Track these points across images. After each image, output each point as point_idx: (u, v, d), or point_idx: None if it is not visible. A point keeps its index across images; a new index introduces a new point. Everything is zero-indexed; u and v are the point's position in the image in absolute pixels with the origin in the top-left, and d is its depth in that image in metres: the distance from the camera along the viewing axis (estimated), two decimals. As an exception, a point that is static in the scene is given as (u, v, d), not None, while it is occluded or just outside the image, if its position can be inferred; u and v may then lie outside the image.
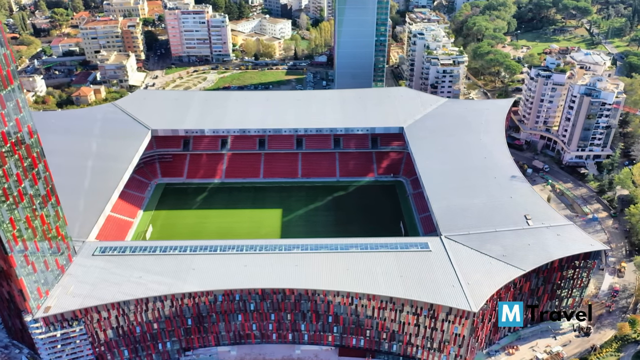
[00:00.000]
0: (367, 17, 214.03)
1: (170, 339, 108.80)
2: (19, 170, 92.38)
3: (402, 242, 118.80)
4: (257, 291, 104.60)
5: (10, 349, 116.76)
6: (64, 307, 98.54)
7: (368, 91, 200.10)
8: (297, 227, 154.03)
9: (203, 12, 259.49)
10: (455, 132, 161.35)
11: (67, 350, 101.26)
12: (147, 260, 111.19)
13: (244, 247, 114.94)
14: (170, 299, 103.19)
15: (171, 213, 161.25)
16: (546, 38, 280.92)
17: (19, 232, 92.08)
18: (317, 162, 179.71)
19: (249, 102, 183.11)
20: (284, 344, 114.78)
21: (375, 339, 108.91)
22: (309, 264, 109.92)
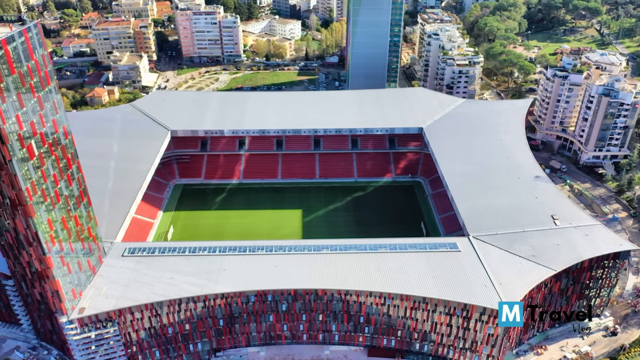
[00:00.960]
0: (382, 18, 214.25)
1: (202, 340, 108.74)
2: (56, 171, 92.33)
3: (430, 243, 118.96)
4: (289, 292, 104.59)
5: (38, 350, 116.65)
6: (98, 308, 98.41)
7: (385, 91, 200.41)
8: (319, 228, 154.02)
9: (215, 12, 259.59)
10: (475, 132, 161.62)
11: (100, 351, 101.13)
12: (177, 261, 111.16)
13: (273, 247, 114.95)
14: (203, 300, 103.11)
15: (191, 214, 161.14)
16: (557, 38, 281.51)
17: (55, 233, 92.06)
18: (334, 163, 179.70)
19: (267, 102, 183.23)
20: (314, 345, 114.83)
21: (406, 339, 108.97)
22: (340, 264, 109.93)
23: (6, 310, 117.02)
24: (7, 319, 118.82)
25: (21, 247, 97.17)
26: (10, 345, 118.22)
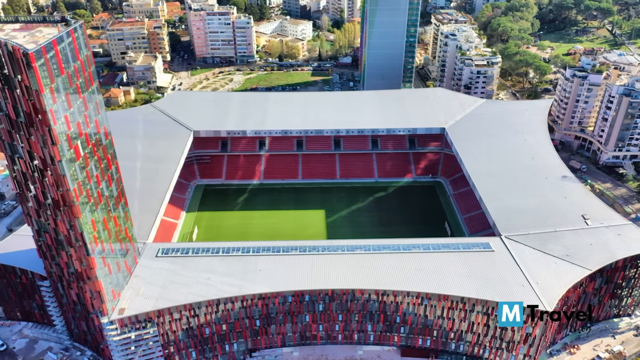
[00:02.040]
0: (399, 18, 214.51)
1: (237, 340, 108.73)
2: (98, 171, 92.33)
3: (463, 243, 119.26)
4: (327, 292, 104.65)
5: (71, 351, 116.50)
6: (138, 309, 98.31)
7: (405, 92, 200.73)
8: (343, 228, 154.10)
9: (228, 13, 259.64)
10: (497, 132, 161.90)
11: (139, 351, 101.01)
12: (211, 261, 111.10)
13: (307, 247, 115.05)
14: (241, 300, 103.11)
15: (214, 214, 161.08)
16: (569, 39, 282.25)
17: (98, 233, 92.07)
18: (354, 163, 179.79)
19: (288, 103, 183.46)
20: (346, 345, 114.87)
21: (442, 339, 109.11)
22: (376, 264, 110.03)
23: (39, 311, 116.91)
24: (40, 320, 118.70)
25: (60, 247, 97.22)
26: (42, 346, 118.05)
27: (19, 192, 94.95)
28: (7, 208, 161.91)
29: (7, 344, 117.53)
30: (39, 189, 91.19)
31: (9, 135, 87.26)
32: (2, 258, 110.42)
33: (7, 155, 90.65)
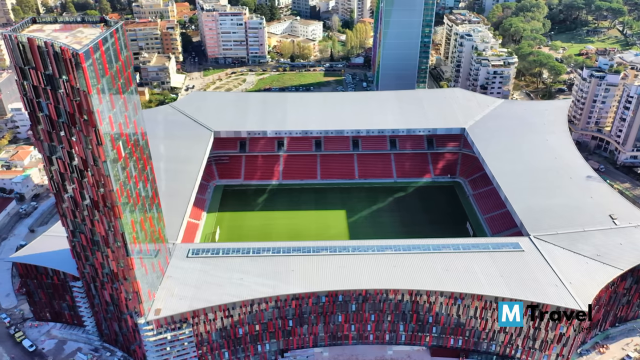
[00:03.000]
0: (414, 19, 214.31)
1: (270, 341, 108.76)
2: (136, 172, 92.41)
3: (493, 243, 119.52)
4: (360, 292, 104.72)
5: (100, 351, 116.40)
6: (173, 310, 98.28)
7: (423, 92, 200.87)
8: (365, 228, 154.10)
9: (241, 13, 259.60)
10: (518, 132, 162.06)
11: (174, 352, 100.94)
12: (243, 261, 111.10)
13: (337, 248, 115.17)
14: (275, 301, 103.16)
15: (235, 215, 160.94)
16: (580, 39, 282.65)
17: (136, 234, 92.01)
18: (373, 164, 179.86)
19: (306, 103, 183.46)
20: (376, 345, 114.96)
21: (474, 339, 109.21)
22: (407, 264, 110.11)
23: (69, 312, 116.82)
24: (70, 321, 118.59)
25: (96, 248, 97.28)
26: (71, 347, 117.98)
27: (55, 193, 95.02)
28: (28, 209, 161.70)
29: (36, 344, 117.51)
30: (76, 190, 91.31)
31: (48, 135, 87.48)
32: (34, 259, 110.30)
33: (45, 156, 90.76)
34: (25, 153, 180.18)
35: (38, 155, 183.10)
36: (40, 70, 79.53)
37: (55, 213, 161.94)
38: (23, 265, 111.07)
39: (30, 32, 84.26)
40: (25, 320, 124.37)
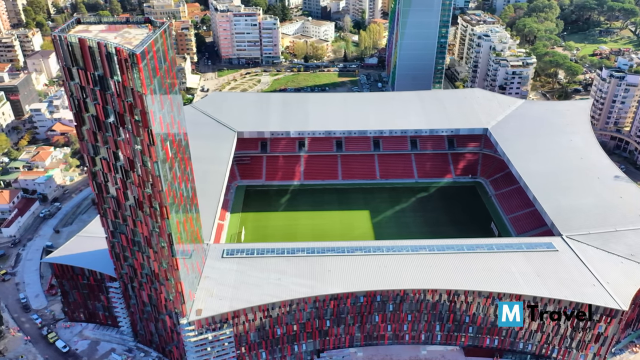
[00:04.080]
0: (431, 19, 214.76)
1: (307, 341, 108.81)
2: (180, 172, 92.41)
3: (526, 243, 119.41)
4: (399, 292, 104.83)
5: (134, 352, 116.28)
6: (214, 310, 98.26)
7: (444, 92, 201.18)
8: (389, 229, 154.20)
9: (255, 14, 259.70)
10: (541, 133, 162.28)
11: (214, 352, 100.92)
12: (278, 262, 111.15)
13: (371, 248, 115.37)
14: (314, 301, 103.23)
15: (259, 215, 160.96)
16: (593, 39, 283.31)
17: (180, 234, 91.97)
18: (393, 164, 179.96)
19: (327, 103, 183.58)
20: (410, 345, 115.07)
21: (510, 339, 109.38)
22: (443, 264, 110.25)
23: (103, 313, 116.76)
24: (104, 321, 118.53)
25: (137, 249, 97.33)
26: (105, 347, 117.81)
27: (96, 194, 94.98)
28: (52, 209, 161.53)
29: (69, 345, 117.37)
30: (120, 190, 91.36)
31: (93, 136, 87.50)
32: (70, 259, 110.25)
33: (89, 157, 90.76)
34: (46, 154, 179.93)
35: (59, 156, 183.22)
36: (90, 70, 79.59)
37: (79, 213, 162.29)
38: (59, 265, 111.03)
39: (76, 32, 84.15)
40: (56, 320, 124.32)
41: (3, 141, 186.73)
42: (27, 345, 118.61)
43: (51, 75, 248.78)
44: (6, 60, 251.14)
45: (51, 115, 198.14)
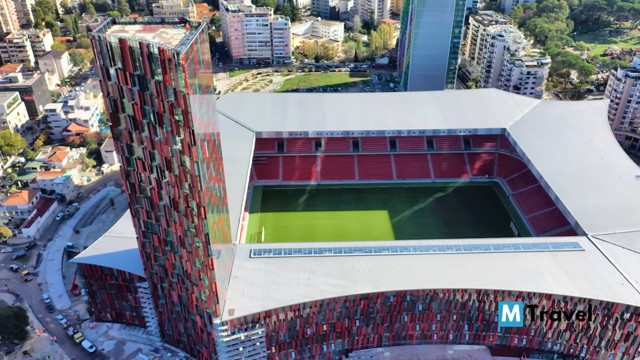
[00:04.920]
0: (445, 19, 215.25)
1: (336, 341, 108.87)
2: (214, 172, 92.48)
3: (552, 242, 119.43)
4: (429, 292, 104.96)
5: (161, 352, 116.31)
6: (247, 310, 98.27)
7: (460, 92, 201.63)
8: (409, 229, 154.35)
9: (266, 14, 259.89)
10: (560, 133, 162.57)
11: (245, 352, 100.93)
12: (306, 262, 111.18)
13: (398, 248, 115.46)
14: (344, 301, 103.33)
15: (278, 215, 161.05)
16: (603, 39, 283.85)
17: (215, 234, 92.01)
18: (410, 164, 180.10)
19: (344, 103, 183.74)
20: (436, 345, 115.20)
21: (538, 338, 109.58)
22: (472, 264, 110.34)
23: (130, 313, 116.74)
24: (131, 321, 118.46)
25: (169, 249, 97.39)
26: (131, 347, 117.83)
27: (129, 194, 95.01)
28: (71, 210, 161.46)
29: (96, 345, 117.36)
30: (154, 190, 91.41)
31: (129, 136, 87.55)
32: (99, 259, 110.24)
33: (123, 157, 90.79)
34: (62, 154, 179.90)
35: (75, 156, 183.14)
36: (130, 70, 79.64)
37: (97, 214, 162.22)
38: (88, 266, 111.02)
39: (112, 33, 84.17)
40: (81, 321, 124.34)
41: (19, 141, 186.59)
42: (54, 345, 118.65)
43: (63, 76, 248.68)
44: (17, 61, 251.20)
45: (66, 115, 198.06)
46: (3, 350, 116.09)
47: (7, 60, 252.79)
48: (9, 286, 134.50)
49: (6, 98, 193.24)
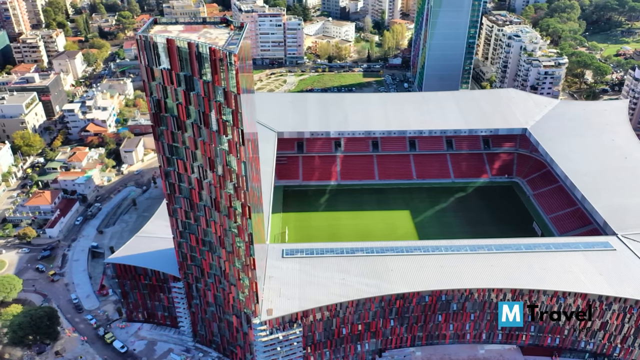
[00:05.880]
0: (461, 20, 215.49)
1: (370, 340, 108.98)
2: (255, 172, 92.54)
3: (583, 242, 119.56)
4: (464, 291, 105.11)
5: (193, 352, 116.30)
6: (285, 310, 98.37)
7: (479, 93, 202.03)
8: (432, 228, 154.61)
9: (280, 15, 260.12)
10: (581, 132, 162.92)
11: (282, 352, 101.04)
12: (339, 261, 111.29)
13: (429, 248, 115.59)
14: (380, 300, 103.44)
15: (300, 215, 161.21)
16: (615, 40, 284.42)
17: (256, 233, 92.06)
18: (429, 164, 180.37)
19: (364, 104, 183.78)
20: (468, 344, 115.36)
21: (572, 337, 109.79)
22: (504, 263, 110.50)
23: (162, 313, 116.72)
24: (162, 322, 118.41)
25: (206, 248, 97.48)
26: (162, 347, 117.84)
27: (168, 194, 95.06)
28: (93, 210, 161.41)
29: (127, 346, 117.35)
30: (194, 191, 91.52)
31: (171, 136, 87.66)
32: (132, 260, 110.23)
33: (164, 157, 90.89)
34: (82, 154, 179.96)
35: (95, 156, 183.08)
36: (176, 70, 79.78)
37: (120, 214, 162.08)
38: (121, 266, 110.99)
39: (155, 33, 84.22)
40: (111, 321, 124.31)
41: (38, 142, 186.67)
42: (84, 345, 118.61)
43: (77, 76, 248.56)
44: (31, 61, 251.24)
45: (84, 115, 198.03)
46: (34, 350, 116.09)
47: (20, 60, 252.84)
48: (36, 286, 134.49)
49: (24, 98, 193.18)
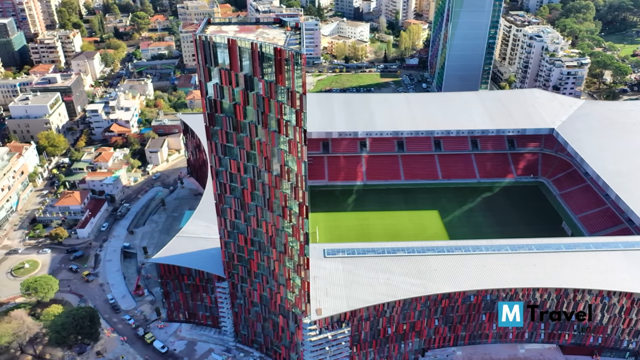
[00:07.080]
0: (482, 20, 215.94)
1: (414, 340, 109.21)
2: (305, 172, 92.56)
3: (622, 242, 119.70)
4: (509, 291, 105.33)
5: (233, 352, 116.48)
6: (333, 309, 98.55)
7: (503, 93, 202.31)
8: (461, 228, 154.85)
9: (297, 15, 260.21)
10: (609, 132, 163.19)
11: (330, 352, 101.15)
12: (382, 261, 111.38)
13: (470, 247, 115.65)
14: (426, 300, 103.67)
15: (329, 215, 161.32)
16: (631, 40, 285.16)
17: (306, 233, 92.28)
18: (454, 164, 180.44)
19: (389, 104, 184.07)
20: (508, 343, 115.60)
21: (615, 337, 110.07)
22: (546, 263, 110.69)
23: (204, 313, 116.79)
24: (204, 322, 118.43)
25: (255, 248, 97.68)
26: (202, 347, 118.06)
27: (218, 194, 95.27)
28: (122, 210, 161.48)
29: (167, 346, 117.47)
30: (247, 191, 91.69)
31: (225, 136, 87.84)
32: (176, 260, 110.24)
33: (216, 157, 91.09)
34: (108, 155, 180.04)
35: (120, 156, 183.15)
36: (236, 70, 79.97)
37: (149, 214, 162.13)
38: (164, 266, 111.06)
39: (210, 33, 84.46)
40: (147, 321, 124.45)
41: (62, 142, 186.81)
42: (124, 345, 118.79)
43: (95, 76, 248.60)
44: (48, 61, 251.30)
45: (107, 116, 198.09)
46: (75, 350, 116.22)
47: (37, 61, 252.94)
48: (71, 287, 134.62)
49: (48, 99, 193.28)
